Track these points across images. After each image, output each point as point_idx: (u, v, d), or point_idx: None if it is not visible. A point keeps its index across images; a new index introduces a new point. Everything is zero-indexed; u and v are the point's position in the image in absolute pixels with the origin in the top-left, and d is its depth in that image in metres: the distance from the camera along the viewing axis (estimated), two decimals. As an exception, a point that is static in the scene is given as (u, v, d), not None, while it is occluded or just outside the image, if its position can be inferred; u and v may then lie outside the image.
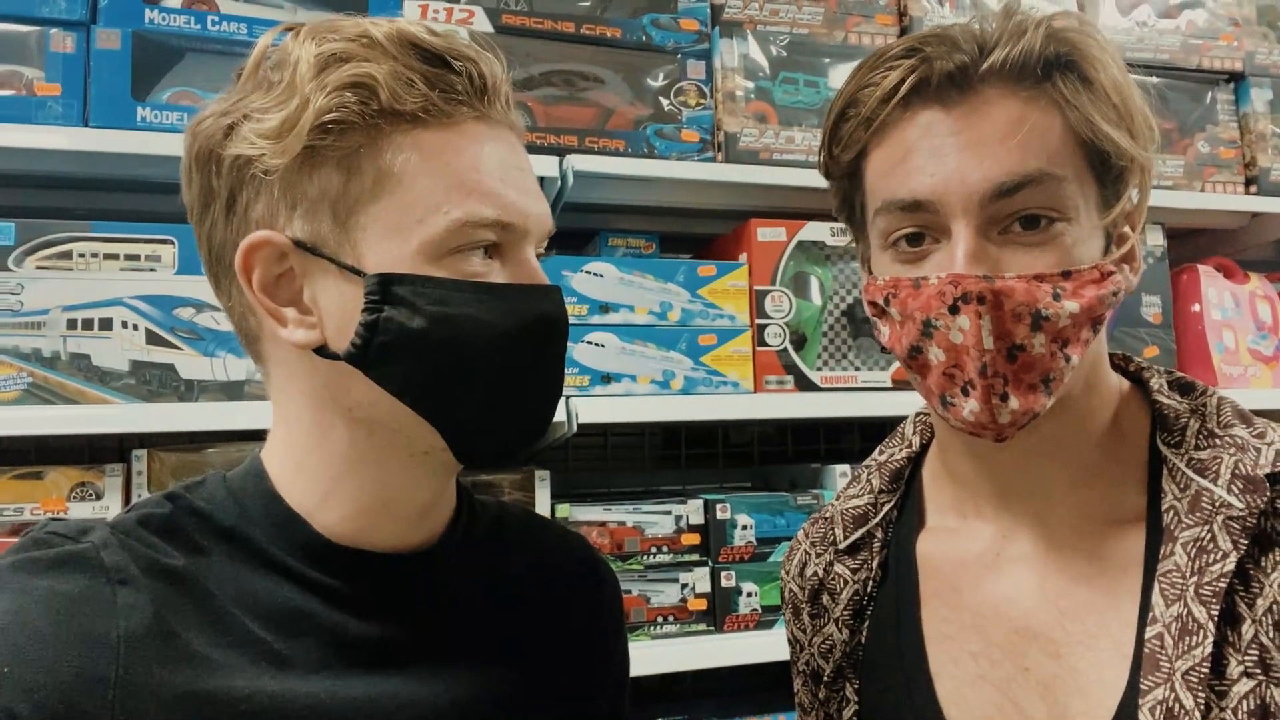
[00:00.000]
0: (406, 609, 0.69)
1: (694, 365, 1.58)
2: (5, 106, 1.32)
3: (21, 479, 1.34)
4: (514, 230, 0.65)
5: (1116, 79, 0.68)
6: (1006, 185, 0.66)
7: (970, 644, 0.74)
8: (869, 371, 1.69)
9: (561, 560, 0.84)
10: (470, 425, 0.66)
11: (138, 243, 1.36)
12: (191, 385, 1.36)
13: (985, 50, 0.68)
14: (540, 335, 0.67)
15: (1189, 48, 1.97)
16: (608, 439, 2.00)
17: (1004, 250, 0.67)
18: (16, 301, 1.31)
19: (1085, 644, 0.69)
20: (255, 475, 0.69)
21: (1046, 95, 0.68)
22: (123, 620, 0.58)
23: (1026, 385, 0.66)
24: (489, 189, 0.64)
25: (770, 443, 2.08)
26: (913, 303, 0.69)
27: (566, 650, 0.78)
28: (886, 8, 1.79)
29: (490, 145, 0.66)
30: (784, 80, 1.71)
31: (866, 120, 0.71)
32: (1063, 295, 0.66)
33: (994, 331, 0.65)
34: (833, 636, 0.82)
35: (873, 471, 0.86)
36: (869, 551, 0.82)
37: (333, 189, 0.63)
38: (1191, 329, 1.93)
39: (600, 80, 1.62)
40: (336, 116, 0.61)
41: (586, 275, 1.55)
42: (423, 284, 0.62)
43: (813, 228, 1.67)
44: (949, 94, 0.68)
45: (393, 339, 0.62)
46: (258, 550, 0.66)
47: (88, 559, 0.60)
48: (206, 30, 1.42)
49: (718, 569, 1.58)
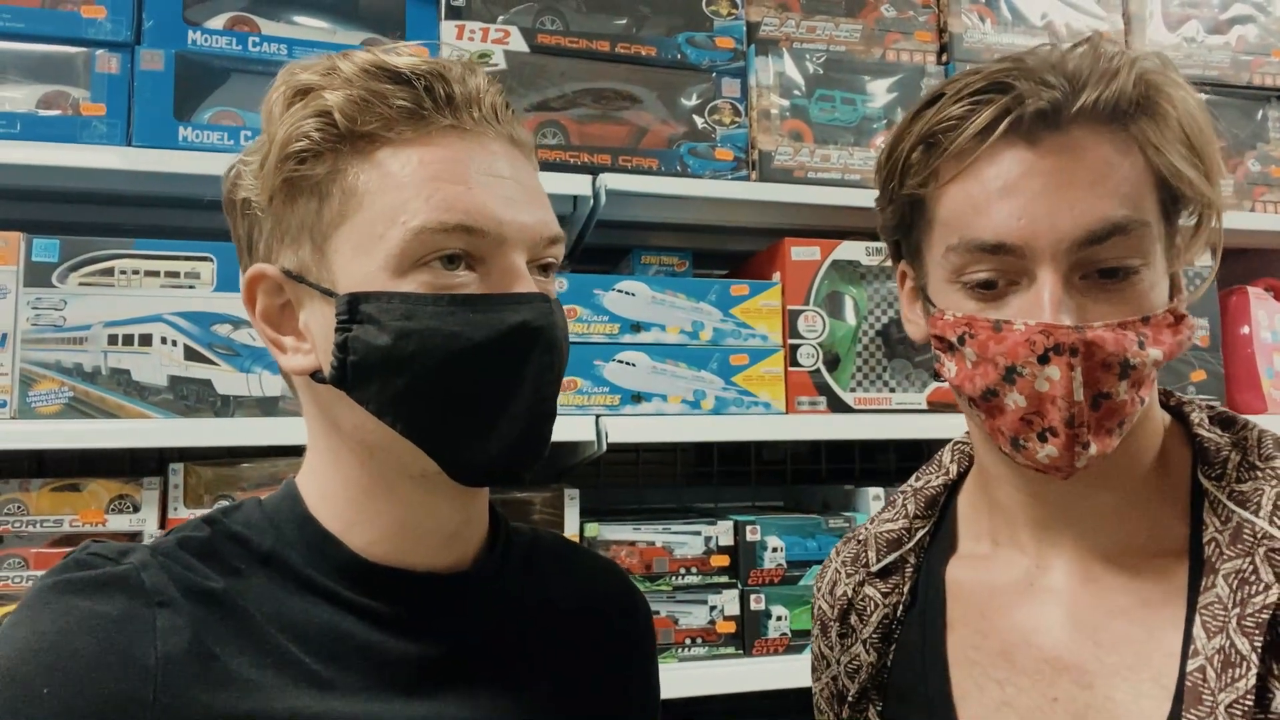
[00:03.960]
0: (443, 630, 0.69)
1: (725, 385, 1.57)
2: (52, 126, 1.35)
3: (61, 490, 1.37)
4: (485, 236, 0.63)
5: (1195, 118, 0.68)
6: (1098, 233, 0.64)
7: (996, 671, 0.73)
8: (904, 393, 1.66)
9: (596, 588, 0.84)
10: (453, 443, 0.65)
11: (178, 260, 1.39)
12: (228, 400, 1.38)
13: (1077, 89, 0.66)
14: (516, 347, 0.64)
15: (1239, 64, 1.92)
16: (639, 456, 2.00)
17: (1086, 297, 0.66)
18: (60, 317, 1.34)
19: (1122, 675, 0.68)
20: (290, 498, 0.70)
21: (1130, 137, 0.67)
22: (162, 642, 0.59)
23: (1106, 430, 0.66)
24: (450, 196, 0.63)
25: (803, 461, 2.06)
26: (995, 347, 0.67)
27: (601, 677, 0.78)
28: (926, 24, 1.77)
29: (464, 153, 0.65)
30: (820, 98, 1.70)
31: (951, 154, 0.69)
32: (1146, 342, 0.65)
33: (1085, 382, 0.64)
34: (860, 657, 0.82)
35: (908, 497, 0.86)
36: (900, 576, 0.82)
37: (309, 217, 0.65)
38: (1240, 352, 1.87)
39: (634, 99, 1.62)
40: (300, 146, 0.63)
41: (618, 294, 1.55)
42: (386, 299, 0.62)
43: (847, 247, 1.65)
44: (1038, 133, 0.66)
45: (361, 358, 0.63)
46: (295, 572, 0.67)
47: (128, 581, 0.61)
48: (248, 51, 1.45)
49: (747, 591, 1.56)
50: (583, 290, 1.53)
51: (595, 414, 1.49)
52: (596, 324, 1.53)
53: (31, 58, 1.38)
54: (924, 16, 1.77)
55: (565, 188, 1.51)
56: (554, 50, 1.58)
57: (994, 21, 1.78)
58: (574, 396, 1.50)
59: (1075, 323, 0.64)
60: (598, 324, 1.53)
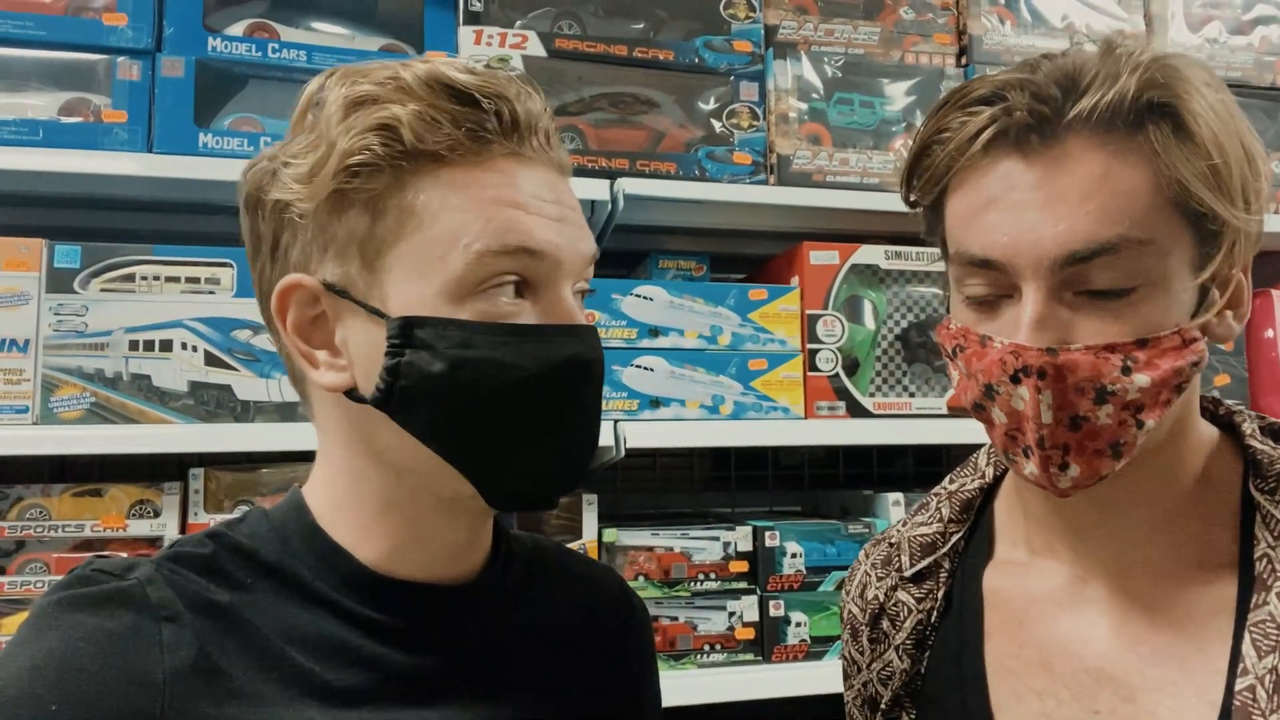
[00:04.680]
0: (448, 642, 0.69)
1: (744, 390, 1.56)
2: (74, 133, 1.36)
3: (82, 496, 1.38)
4: (542, 259, 0.63)
5: (1215, 131, 0.62)
6: (1080, 254, 0.61)
7: (1036, 681, 0.72)
8: (924, 398, 1.65)
9: (594, 594, 0.84)
10: (498, 471, 0.64)
11: (198, 265, 1.39)
12: (248, 406, 1.39)
13: (1074, 95, 0.63)
14: (569, 379, 0.64)
15: (1263, 65, 1.90)
16: (656, 461, 1.99)
17: (1077, 314, 0.63)
18: (81, 323, 1.34)
19: (1165, 690, 0.66)
20: (297, 510, 0.70)
21: (1137, 146, 0.62)
22: (168, 657, 0.59)
23: (1092, 452, 0.64)
24: (510, 219, 0.62)
25: (821, 466, 2.05)
26: (976, 363, 0.66)
27: (602, 684, 0.78)
28: (945, 26, 1.76)
29: (520, 179, 0.64)
30: (839, 101, 1.69)
31: (945, 165, 0.67)
32: (1134, 368, 0.62)
33: (1054, 405, 0.62)
34: (892, 664, 0.80)
35: (942, 500, 0.84)
36: (935, 581, 0.80)
37: (360, 231, 0.63)
38: (1264, 356, 1.85)
39: (652, 103, 1.61)
40: (361, 159, 0.61)
41: (636, 298, 1.54)
42: (444, 326, 0.61)
43: (866, 251, 1.64)
44: (1030, 144, 0.64)
45: (414, 384, 0.62)
46: (302, 584, 0.66)
47: (133, 596, 0.61)
48: (267, 58, 1.45)
49: (766, 597, 1.55)
50: (601, 295, 1.53)
51: (614, 419, 1.49)
52: (614, 329, 1.53)
53: (54, 65, 1.39)
54: (943, 19, 1.76)
55: (583, 192, 1.51)
56: (572, 55, 1.57)
57: (1014, 23, 1.77)
58: (592, 401, 1.50)
59: (1053, 343, 0.62)
60: (616, 329, 1.53)
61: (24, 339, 1.32)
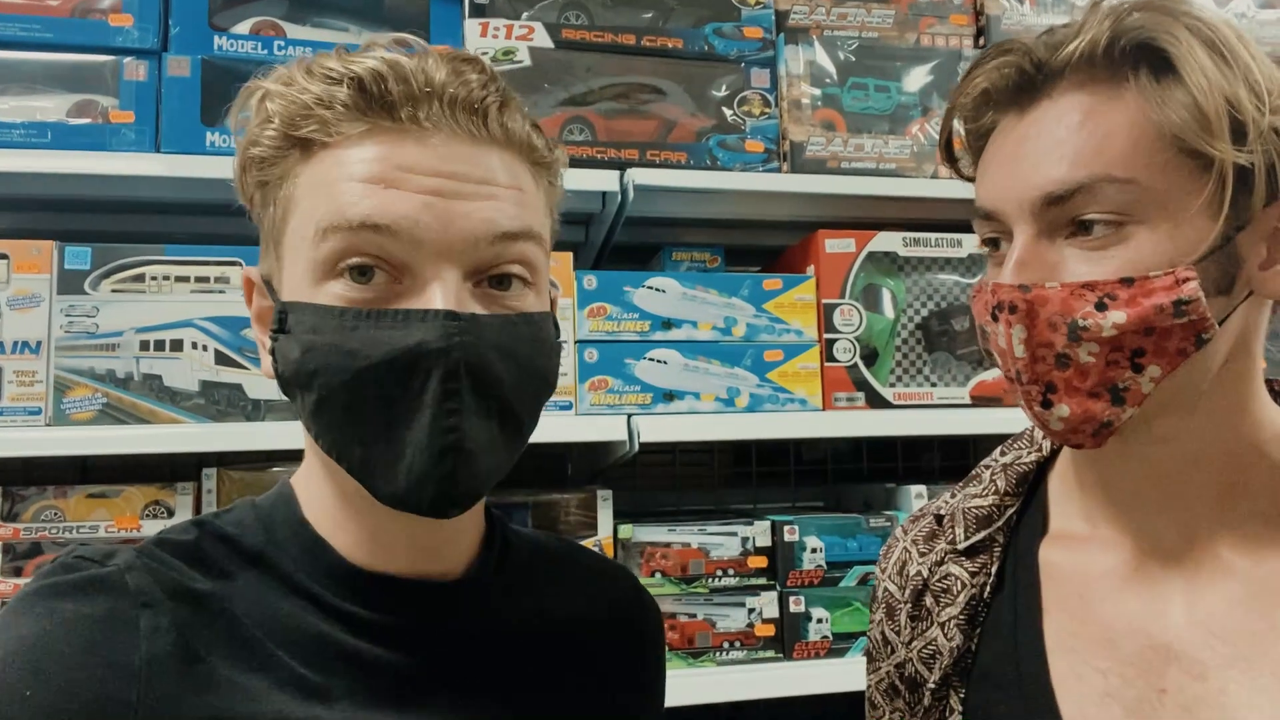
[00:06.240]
0: (431, 639, 0.67)
1: (760, 382, 1.53)
2: (82, 135, 1.36)
3: (96, 497, 1.38)
4: (397, 237, 0.58)
5: (1203, 69, 0.61)
6: (1055, 194, 0.63)
7: (1098, 659, 0.69)
8: (945, 388, 1.61)
9: (601, 592, 0.81)
10: (367, 468, 0.61)
11: (207, 265, 1.39)
12: (258, 405, 1.38)
13: (1058, 48, 0.65)
14: (412, 369, 0.58)
15: (1295, 38, 1.84)
16: (676, 457, 1.96)
17: (1065, 255, 0.65)
18: (92, 324, 1.35)
19: (1238, 667, 0.64)
20: (285, 501, 0.69)
21: (1119, 90, 0.64)
22: (146, 644, 0.58)
23: (1084, 393, 0.64)
24: (356, 193, 0.59)
25: (844, 460, 2.01)
26: (976, 308, 0.71)
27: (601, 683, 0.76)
28: (962, 7, 1.72)
29: (391, 151, 0.60)
30: (853, 86, 1.65)
31: (964, 133, 0.73)
32: (1110, 305, 0.62)
33: (1026, 340, 0.64)
34: (937, 641, 0.77)
35: (996, 472, 0.81)
36: (989, 555, 0.78)
37: (270, 222, 0.65)
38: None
39: (661, 92, 1.59)
40: (256, 152, 0.64)
41: (649, 290, 1.52)
42: (300, 311, 0.61)
43: (884, 238, 1.60)
44: (1021, 98, 0.67)
45: (283, 369, 0.63)
46: (284, 575, 0.65)
47: (112, 582, 0.60)
48: (273, 56, 1.45)
49: (786, 593, 1.52)
50: (612, 287, 1.51)
51: (627, 413, 1.47)
52: (627, 321, 1.51)
53: (61, 67, 1.40)
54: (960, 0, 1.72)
55: (593, 184, 1.49)
56: (579, 45, 1.55)
57: (1032, 2, 1.73)
58: (605, 396, 1.48)
59: (1032, 281, 0.64)
60: (628, 321, 1.51)
61: (36, 341, 1.33)
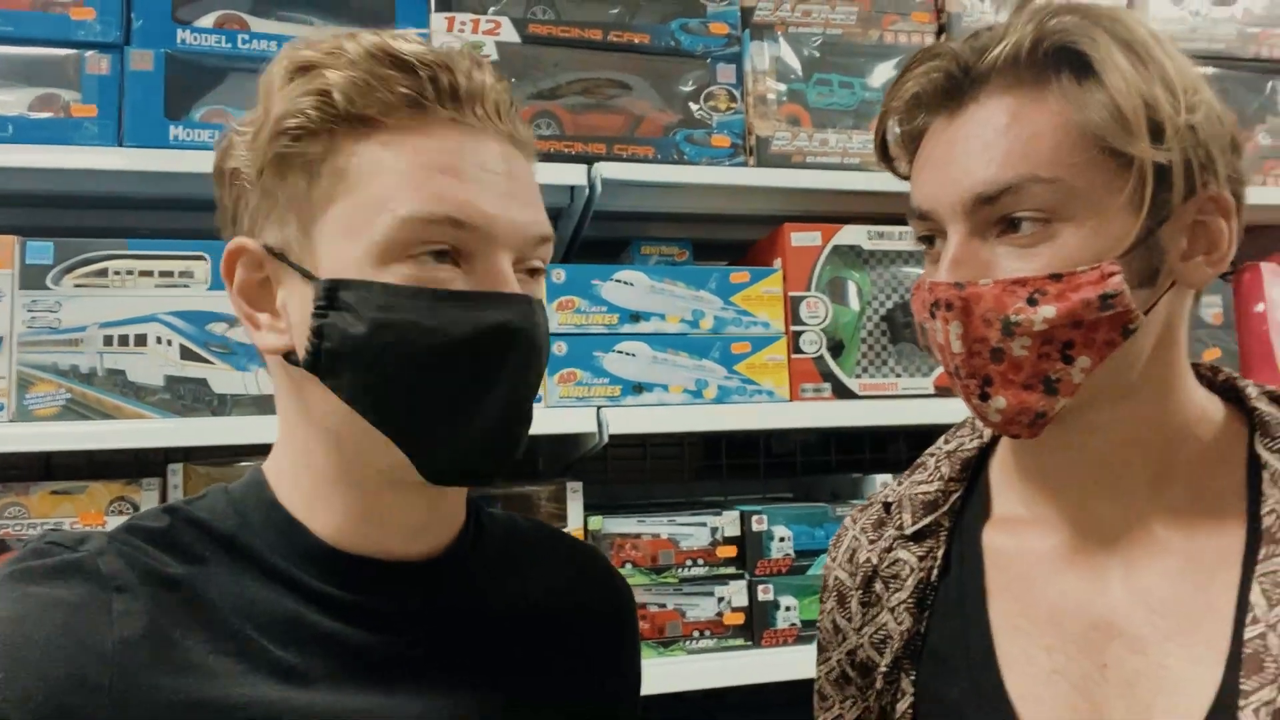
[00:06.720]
0: (411, 621, 0.68)
1: (728, 374, 1.55)
2: (44, 129, 1.35)
3: (60, 494, 1.36)
4: (474, 232, 0.63)
5: (1122, 72, 0.64)
6: (984, 194, 0.66)
7: (1044, 638, 0.72)
8: (910, 378, 1.63)
9: (574, 573, 0.82)
10: (424, 439, 0.64)
11: (172, 259, 1.38)
12: (224, 400, 1.38)
13: (983, 53, 0.68)
14: (496, 346, 0.63)
15: (1246, 36, 1.88)
16: (646, 449, 1.98)
17: (996, 253, 0.67)
18: (55, 319, 1.33)
19: (1176, 640, 0.66)
20: (256, 484, 0.70)
21: (1043, 92, 0.66)
22: (119, 627, 0.59)
23: (1018, 385, 0.67)
24: (443, 187, 0.62)
25: (813, 452, 2.03)
26: (915, 306, 0.73)
27: (580, 664, 0.77)
28: (924, 5, 1.74)
29: (461, 147, 0.64)
30: (818, 82, 1.68)
31: (899, 136, 0.75)
32: (1040, 300, 0.64)
33: (962, 335, 0.67)
34: (888, 626, 0.80)
35: (941, 459, 0.84)
36: (935, 540, 0.80)
37: (298, 194, 0.64)
38: (1254, 330, 1.83)
39: (628, 87, 1.60)
40: (297, 122, 0.62)
41: (616, 284, 1.53)
42: (366, 289, 0.62)
43: (849, 231, 1.63)
44: (950, 102, 0.70)
45: (336, 345, 0.62)
46: (258, 558, 0.66)
47: (84, 566, 0.61)
48: (238, 49, 1.44)
49: (755, 582, 1.54)
50: (581, 281, 1.51)
51: (596, 405, 1.47)
52: (595, 314, 1.52)
53: (22, 61, 1.38)
54: (921, -3, 1.75)
55: (560, 178, 1.50)
56: (546, 40, 1.56)
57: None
58: (574, 388, 1.49)
59: (967, 279, 0.66)
60: (596, 314, 1.52)
61: (-3, 336, 1.31)
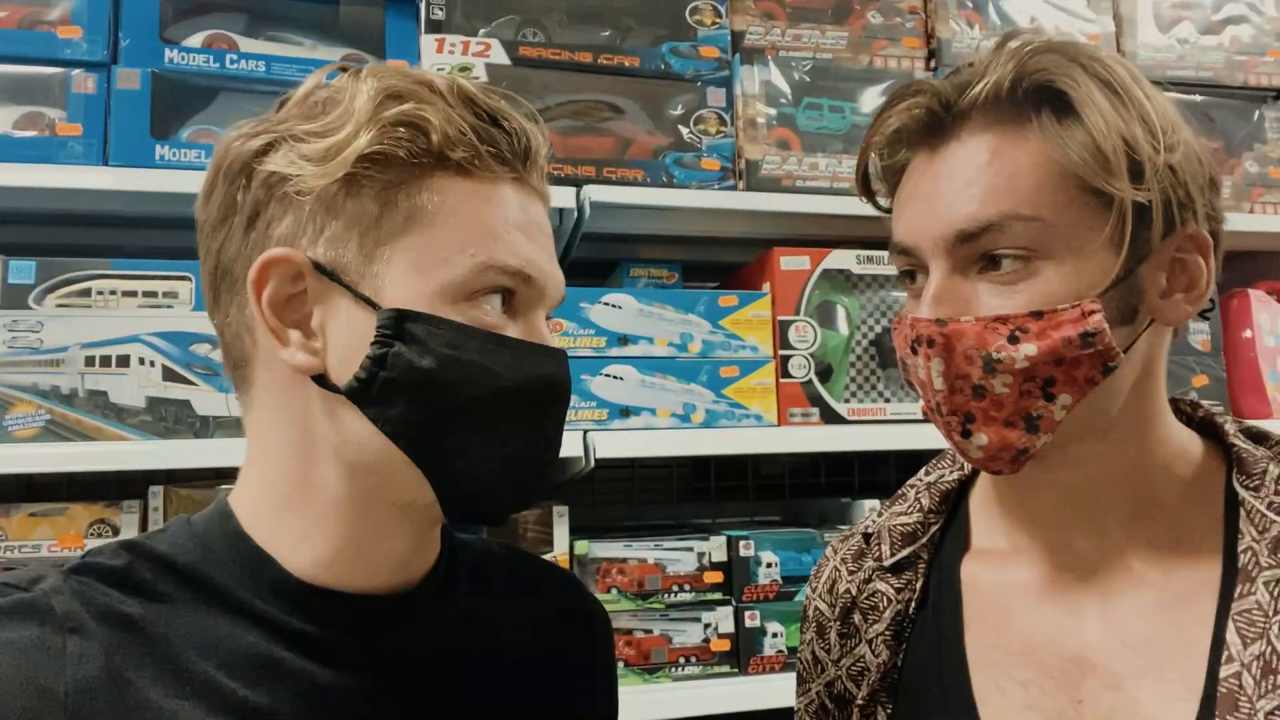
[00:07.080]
0: (380, 656, 0.66)
1: (716, 398, 1.54)
2: (29, 147, 1.34)
3: (39, 516, 1.35)
4: (533, 285, 0.66)
5: (1101, 110, 0.64)
6: (966, 231, 0.66)
7: (1019, 672, 0.71)
8: (899, 403, 1.63)
9: (549, 600, 0.81)
10: (462, 477, 0.64)
11: (155, 279, 1.37)
12: (207, 421, 1.36)
13: (965, 89, 0.68)
14: (544, 396, 0.66)
15: (1234, 64, 1.89)
16: (634, 472, 1.97)
17: (978, 289, 0.67)
18: (36, 339, 1.32)
19: (1151, 676, 0.66)
20: (222, 516, 0.67)
21: (1024, 130, 0.66)
22: (72, 670, 0.57)
23: (1000, 422, 0.66)
24: (515, 242, 0.65)
25: (802, 475, 2.03)
26: (896, 341, 0.72)
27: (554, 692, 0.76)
28: (914, 30, 1.75)
29: (521, 206, 0.67)
30: (808, 106, 1.68)
31: (880, 170, 0.75)
32: (1022, 338, 0.64)
33: (944, 372, 0.67)
34: (865, 658, 0.79)
35: (921, 491, 0.84)
36: (913, 572, 0.80)
37: (365, 218, 0.63)
38: (1243, 356, 1.84)
39: (619, 110, 1.60)
40: (385, 149, 0.62)
41: (605, 307, 1.53)
42: (437, 324, 0.62)
43: (838, 256, 1.62)
44: (931, 138, 0.70)
45: (398, 376, 0.61)
46: (223, 593, 0.64)
47: (37, 607, 0.59)
48: (225, 69, 1.43)
49: (741, 608, 1.53)
50: (569, 303, 1.51)
51: (583, 429, 1.46)
52: (583, 337, 1.51)
53: (7, 79, 1.37)
54: (911, 22, 1.75)
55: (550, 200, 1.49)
56: (536, 63, 1.56)
57: (982, 26, 1.77)
58: (561, 412, 1.48)
59: (949, 316, 0.66)
60: (584, 337, 1.51)
61: (-23, 356, 1.30)
